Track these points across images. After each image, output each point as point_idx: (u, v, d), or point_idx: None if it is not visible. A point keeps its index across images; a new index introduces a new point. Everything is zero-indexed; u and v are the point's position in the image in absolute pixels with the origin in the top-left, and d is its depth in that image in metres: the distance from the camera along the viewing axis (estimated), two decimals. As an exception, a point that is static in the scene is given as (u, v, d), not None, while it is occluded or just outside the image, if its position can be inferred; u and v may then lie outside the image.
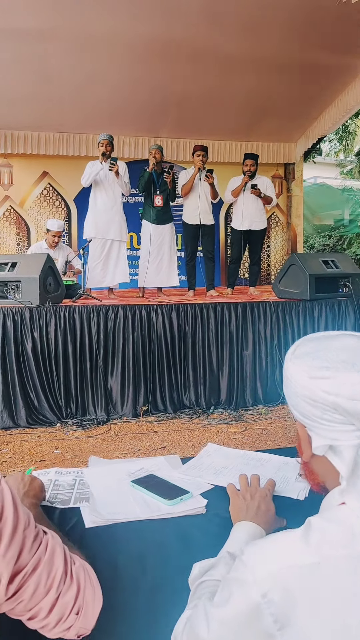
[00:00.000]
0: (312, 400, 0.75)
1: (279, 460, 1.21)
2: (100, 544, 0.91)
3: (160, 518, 0.96)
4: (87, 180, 5.18)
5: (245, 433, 3.73)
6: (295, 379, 0.78)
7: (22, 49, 5.14)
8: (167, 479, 1.09)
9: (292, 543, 0.68)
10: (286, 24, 4.86)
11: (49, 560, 0.70)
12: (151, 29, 4.93)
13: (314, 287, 4.50)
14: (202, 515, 0.98)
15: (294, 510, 1.00)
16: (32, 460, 3.27)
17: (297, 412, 0.79)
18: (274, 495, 1.01)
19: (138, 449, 3.46)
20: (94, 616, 0.75)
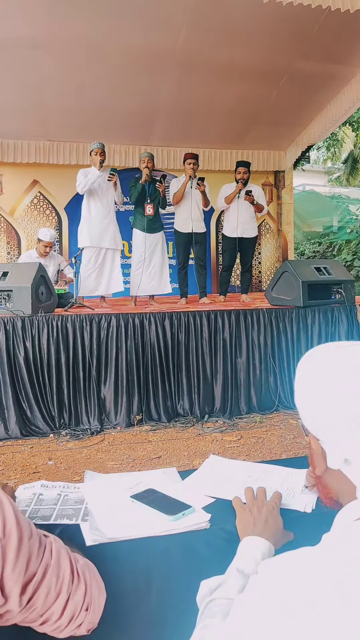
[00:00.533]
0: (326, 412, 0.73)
1: (283, 471, 1.18)
2: (102, 563, 0.87)
3: (163, 535, 0.92)
4: (83, 188, 5.13)
5: (241, 441, 3.70)
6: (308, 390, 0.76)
7: (12, 57, 5.13)
8: (167, 493, 1.05)
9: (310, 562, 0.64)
10: (274, 33, 4.89)
11: (56, 563, 0.71)
12: (141, 38, 4.94)
13: (306, 294, 4.50)
14: (206, 530, 0.95)
15: (301, 523, 0.98)
16: (25, 472, 3.21)
17: (310, 424, 0.76)
18: (280, 509, 0.99)
19: (133, 459, 3.42)
20: (100, 609, 0.78)
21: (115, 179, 5.13)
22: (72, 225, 7.29)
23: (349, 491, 0.73)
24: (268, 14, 4.41)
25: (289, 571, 0.64)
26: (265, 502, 0.97)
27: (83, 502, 1.04)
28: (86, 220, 5.25)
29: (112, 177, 5.10)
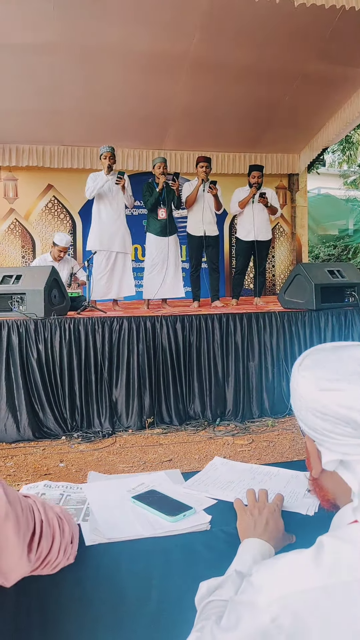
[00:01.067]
0: (321, 414, 0.72)
1: (288, 474, 1.17)
2: (101, 563, 0.87)
3: (163, 535, 0.92)
4: (91, 192, 5.18)
5: (252, 445, 3.68)
6: (303, 391, 0.75)
7: (26, 63, 5.19)
8: (169, 494, 1.05)
9: (303, 565, 0.64)
10: (287, 35, 4.88)
11: (45, 516, 0.78)
12: (154, 41, 4.96)
13: (319, 297, 4.46)
14: (207, 531, 0.95)
15: (303, 526, 0.96)
16: (36, 474, 3.23)
17: (306, 426, 0.76)
18: (282, 511, 0.98)
19: (144, 461, 3.42)
20: (77, 537, 0.88)
21: (123, 182, 5.12)
22: (85, 229, 7.32)
23: (345, 493, 0.72)
24: (281, 16, 4.40)
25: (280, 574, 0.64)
26: (266, 504, 0.96)
27: (85, 502, 1.04)
28: (96, 223, 5.28)
29: (120, 181, 5.11)
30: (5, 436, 3.80)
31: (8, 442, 3.77)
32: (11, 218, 7.45)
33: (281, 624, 0.60)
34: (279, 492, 1.02)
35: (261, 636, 0.62)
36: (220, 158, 7.61)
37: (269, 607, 0.61)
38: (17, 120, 6.31)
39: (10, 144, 7.01)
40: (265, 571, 0.66)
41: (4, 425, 3.82)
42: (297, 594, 0.61)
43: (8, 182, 7.43)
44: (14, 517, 0.68)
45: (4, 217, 7.44)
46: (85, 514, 0.99)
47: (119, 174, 5.14)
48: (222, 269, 7.32)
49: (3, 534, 0.66)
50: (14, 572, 0.70)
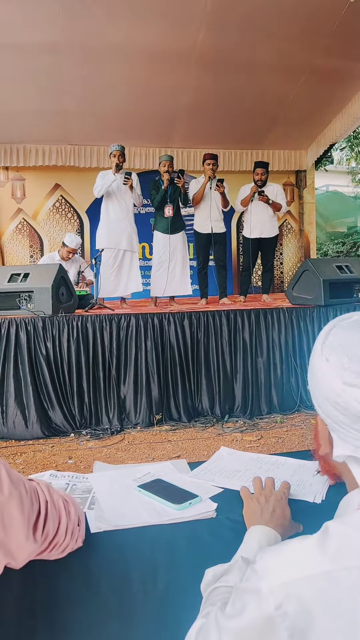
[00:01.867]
0: (342, 408, 0.67)
1: (295, 463, 1.16)
2: (106, 550, 0.87)
3: (169, 523, 0.91)
4: (99, 191, 5.20)
5: (261, 441, 3.67)
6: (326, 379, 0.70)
7: (32, 63, 5.20)
8: (174, 483, 1.04)
9: (308, 551, 0.62)
10: (293, 31, 4.85)
11: (50, 497, 0.78)
12: (159, 38, 4.96)
13: (328, 293, 4.44)
14: (213, 519, 0.94)
15: (310, 514, 0.95)
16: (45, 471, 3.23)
17: (322, 411, 0.72)
18: (289, 499, 0.96)
19: (152, 458, 3.41)
20: (84, 521, 0.88)
21: (131, 182, 5.14)
22: (93, 228, 7.34)
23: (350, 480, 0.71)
24: (286, 11, 4.39)
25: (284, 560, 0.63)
26: (273, 491, 0.95)
27: (91, 491, 1.04)
28: (104, 222, 5.30)
29: (127, 181, 5.13)
30: (14, 433, 3.82)
31: (17, 440, 3.79)
32: (19, 218, 7.49)
33: (286, 611, 0.59)
34: (285, 480, 1.01)
35: (266, 623, 0.61)
36: (227, 155, 7.60)
37: (273, 594, 0.60)
38: (24, 120, 6.33)
39: (17, 144, 7.04)
40: (269, 557, 0.65)
41: (13, 423, 3.83)
42: (302, 580, 0.60)
43: (16, 182, 7.47)
44: (18, 496, 0.68)
45: (12, 217, 7.47)
46: (91, 502, 0.99)
47: (126, 174, 5.15)
48: (230, 266, 7.31)
49: (7, 512, 0.66)
50: (21, 552, 0.69)
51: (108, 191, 5.21)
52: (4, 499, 0.65)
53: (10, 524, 0.66)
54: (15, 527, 0.67)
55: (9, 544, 0.67)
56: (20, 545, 0.68)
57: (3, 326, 3.95)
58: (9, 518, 0.66)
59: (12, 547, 0.67)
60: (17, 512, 0.67)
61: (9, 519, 0.66)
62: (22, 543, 0.68)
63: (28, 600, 0.84)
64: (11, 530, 0.66)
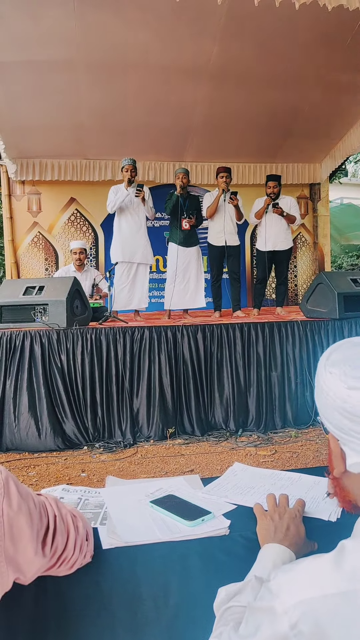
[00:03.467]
0: (349, 414, 0.69)
1: (310, 479, 1.14)
2: (118, 566, 0.86)
3: (181, 540, 0.90)
4: (113, 207, 5.24)
5: (275, 456, 3.63)
6: (330, 388, 0.72)
7: (49, 79, 5.29)
8: (187, 499, 1.04)
9: (323, 569, 0.61)
10: (307, 45, 4.88)
11: (58, 511, 0.79)
12: (174, 54, 5.01)
13: (342, 306, 4.40)
14: (226, 536, 0.93)
15: (325, 532, 0.94)
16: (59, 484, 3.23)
17: (331, 424, 0.73)
18: (304, 517, 0.95)
19: (165, 472, 3.39)
20: (92, 537, 0.88)
21: (143, 194, 5.18)
22: (108, 241, 7.40)
23: None
24: (300, 25, 4.41)
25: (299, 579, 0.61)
26: (287, 509, 0.94)
27: (103, 506, 1.04)
28: (118, 236, 5.34)
29: (139, 194, 5.16)
30: (27, 445, 3.83)
31: (31, 452, 3.80)
32: (35, 231, 7.57)
33: (300, 631, 0.58)
34: (300, 497, 1.00)
35: None
36: (240, 169, 7.62)
37: (288, 613, 0.59)
38: (40, 135, 6.43)
39: (33, 159, 7.14)
40: (283, 576, 0.64)
41: (27, 435, 3.84)
42: (317, 600, 0.59)
43: (32, 196, 7.56)
44: (27, 511, 0.68)
45: (28, 231, 7.56)
46: (103, 517, 0.99)
47: (137, 186, 5.20)
48: (244, 279, 7.29)
49: (16, 526, 0.66)
50: (30, 567, 0.69)
51: (121, 206, 5.25)
52: (13, 514, 0.65)
53: (19, 538, 0.66)
54: (24, 542, 0.67)
55: (18, 558, 0.67)
56: (29, 560, 0.68)
57: (18, 339, 3.98)
58: (18, 533, 0.66)
59: (21, 562, 0.67)
60: (26, 527, 0.67)
61: (18, 534, 0.66)
62: (31, 558, 0.68)
63: (40, 617, 0.83)
64: (20, 544, 0.66)
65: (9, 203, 7.47)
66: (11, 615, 0.81)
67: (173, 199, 5.34)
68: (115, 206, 5.23)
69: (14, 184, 7.48)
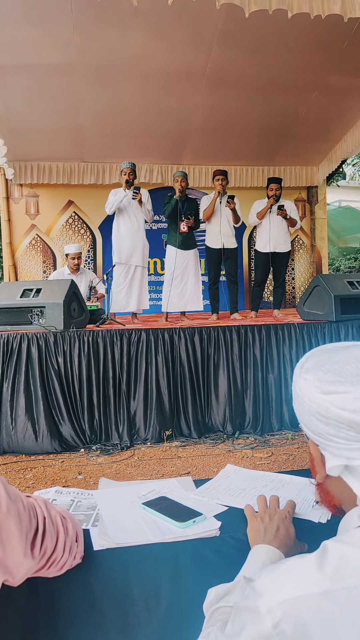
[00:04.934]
0: (324, 418, 0.71)
1: (301, 481, 1.15)
2: (110, 568, 0.87)
3: (172, 541, 0.91)
4: (111, 208, 5.27)
5: (272, 458, 3.64)
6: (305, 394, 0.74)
7: (47, 82, 5.31)
8: (179, 500, 1.04)
9: (306, 569, 0.62)
10: (303, 49, 4.90)
11: (47, 513, 0.79)
12: (171, 58, 5.04)
13: (339, 309, 4.41)
14: (217, 537, 0.94)
15: (315, 534, 0.94)
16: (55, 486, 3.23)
17: (309, 430, 0.74)
18: (294, 518, 0.96)
19: (162, 474, 3.40)
20: (82, 538, 0.88)
21: (139, 197, 5.20)
22: (106, 244, 7.44)
23: (350, 498, 0.71)
24: (296, 30, 4.43)
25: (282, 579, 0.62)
26: (277, 510, 0.95)
27: (95, 508, 1.04)
28: (116, 238, 5.36)
29: (136, 195, 5.18)
30: (24, 448, 3.83)
31: (27, 454, 3.80)
32: (32, 234, 7.58)
33: (283, 630, 0.59)
34: (291, 499, 1.01)
35: None
36: (238, 172, 7.65)
37: (271, 612, 0.60)
38: (39, 138, 6.45)
39: (32, 162, 7.16)
40: (267, 576, 0.65)
41: (24, 437, 3.84)
42: (299, 599, 0.59)
43: (30, 198, 7.58)
44: (16, 513, 0.68)
45: (26, 233, 7.57)
46: (95, 519, 0.99)
47: (134, 188, 5.22)
48: (242, 282, 7.32)
49: (5, 529, 0.66)
50: (19, 569, 0.70)
51: (119, 208, 5.28)
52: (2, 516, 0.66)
53: (8, 540, 0.66)
54: (13, 544, 0.67)
55: (7, 561, 0.67)
56: (18, 562, 0.69)
57: (15, 341, 3.98)
58: (7, 535, 0.66)
59: (9, 564, 0.67)
60: (15, 529, 0.67)
61: (7, 536, 0.66)
62: (20, 560, 0.69)
63: (31, 618, 0.84)
64: (9, 547, 0.67)
65: (7, 206, 7.48)
66: (1, 616, 0.81)
67: (172, 202, 5.36)
68: (114, 207, 5.25)
69: (12, 186, 7.50)
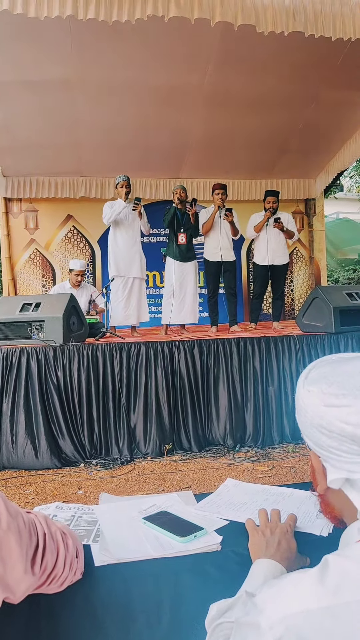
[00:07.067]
0: (327, 430, 0.70)
1: (302, 495, 1.15)
2: (110, 584, 0.87)
3: (173, 556, 0.91)
4: (109, 218, 5.24)
5: (273, 472, 3.62)
6: (308, 406, 0.74)
7: (46, 98, 5.37)
8: (180, 515, 1.04)
9: (307, 584, 0.62)
10: (299, 65, 4.97)
11: (47, 529, 0.79)
12: (169, 75, 5.10)
13: (338, 320, 4.43)
14: (218, 552, 0.93)
15: (317, 547, 0.94)
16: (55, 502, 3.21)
17: (311, 441, 0.74)
18: (295, 532, 0.96)
19: (162, 488, 3.38)
20: (83, 554, 0.88)
21: (140, 208, 5.22)
22: (105, 257, 7.44)
23: (351, 511, 0.71)
24: (292, 47, 4.49)
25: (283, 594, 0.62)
26: (278, 524, 0.95)
27: (96, 523, 1.04)
28: (113, 251, 5.37)
29: (137, 207, 5.20)
30: (24, 463, 3.81)
31: (27, 469, 3.78)
32: (32, 248, 7.62)
33: None
34: (292, 512, 1.01)
35: None
36: (236, 185, 7.71)
37: (272, 628, 0.60)
38: (38, 153, 6.51)
39: (30, 177, 7.22)
40: (268, 591, 0.65)
41: (23, 452, 3.83)
42: (301, 615, 0.59)
43: (29, 213, 7.62)
44: (16, 529, 0.68)
45: (25, 247, 7.61)
46: (96, 535, 0.99)
47: (135, 199, 5.25)
48: (240, 294, 7.33)
49: (5, 545, 0.66)
50: (19, 585, 0.69)
51: (117, 220, 5.28)
52: (2, 533, 0.65)
53: (8, 557, 0.66)
54: (13, 561, 0.67)
55: (7, 578, 0.67)
56: (19, 579, 0.68)
57: (14, 355, 3.98)
58: (7, 551, 0.66)
59: (10, 581, 0.67)
60: (15, 545, 0.67)
61: (7, 553, 0.66)
62: (20, 577, 0.68)
63: (32, 635, 0.83)
64: (9, 563, 0.66)
65: (6, 220, 7.53)
66: (2, 634, 0.81)
67: (171, 211, 5.40)
68: (112, 218, 5.25)
69: (11, 201, 7.54)
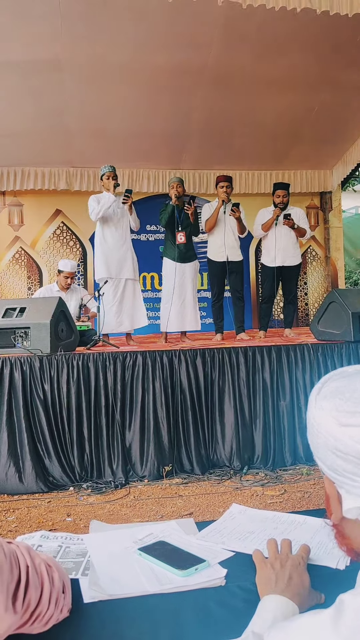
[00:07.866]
0: (342, 453, 0.70)
1: (316, 523, 1.15)
2: (101, 623, 0.86)
3: (172, 592, 0.91)
4: (97, 214, 5.19)
5: (285, 496, 3.61)
6: (321, 425, 0.73)
7: (32, 80, 5.39)
8: (180, 546, 1.04)
9: (320, 628, 0.62)
10: (312, 44, 5.01)
11: (31, 561, 0.78)
12: (169, 56, 5.13)
13: (357, 327, 4.43)
14: (222, 587, 0.93)
15: (332, 582, 0.94)
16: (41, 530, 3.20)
17: (325, 465, 0.74)
18: (309, 565, 0.96)
19: (161, 515, 3.37)
20: (70, 589, 0.87)
21: (130, 201, 5.21)
22: (97, 257, 7.48)
23: None
24: (304, 24, 4.52)
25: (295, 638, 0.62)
26: (290, 556, 0.95)
27: (85, 555, 1.04)
28: (102, 250, 5.33)
29: (127, 200, 5.17)
30: (6, 487, 3.80)
31: (10, 494, 3.77)
32: (16, 247, 7.64)
33: None
34: (304, 542, 1.00)
35: None
36: (243, 177, 7.74)
37: None
38: (22, 141, 6.52)
39: (15, 167, 7.23)
40: (277, 634, 0.65)
41: (5, 475, 3.82)
42: None
43: (13, 207, 7.65)
44: None
45: (9, 246, 7.63)
46: (85, 567, 0.99)
47: (126, 191, 5.22)
48: (248, 298, 7.34)
49: None
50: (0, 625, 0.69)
51: (104, 216, 5.24)
52: None
53: None
54: None
55: None
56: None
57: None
58: None
59: None
60: None
61: None
62: (0, 615, 0.68)
63: None
64: None
65: (-13, 216, 7.56)
66: None
67: (168, 209, 5.39)
68: (100, 213, 5.19)
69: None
